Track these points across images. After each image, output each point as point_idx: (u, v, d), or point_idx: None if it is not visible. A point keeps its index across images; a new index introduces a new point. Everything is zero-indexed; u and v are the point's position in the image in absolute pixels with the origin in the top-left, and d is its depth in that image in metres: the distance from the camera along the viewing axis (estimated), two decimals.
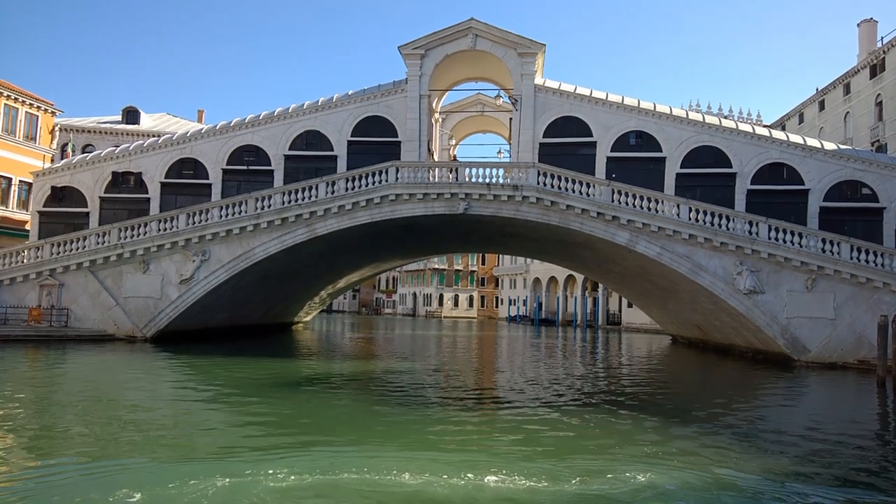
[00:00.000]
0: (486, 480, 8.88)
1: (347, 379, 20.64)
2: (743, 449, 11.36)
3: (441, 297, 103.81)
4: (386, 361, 26.68)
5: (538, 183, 27.92)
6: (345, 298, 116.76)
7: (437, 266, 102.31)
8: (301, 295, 43.37)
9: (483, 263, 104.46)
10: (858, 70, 46.17)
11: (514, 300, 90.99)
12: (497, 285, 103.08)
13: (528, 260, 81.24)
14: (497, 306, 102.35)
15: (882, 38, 44.90)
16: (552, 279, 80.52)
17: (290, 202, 28.69)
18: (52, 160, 39.97)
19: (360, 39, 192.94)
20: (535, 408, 15.33)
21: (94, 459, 9.65)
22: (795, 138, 31.99)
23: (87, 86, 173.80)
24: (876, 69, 44.02)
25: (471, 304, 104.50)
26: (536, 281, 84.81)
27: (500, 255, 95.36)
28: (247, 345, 30.77)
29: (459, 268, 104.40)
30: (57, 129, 42.90)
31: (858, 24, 48.30)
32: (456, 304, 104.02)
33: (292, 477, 8.83)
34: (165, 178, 33.84)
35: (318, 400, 15.94)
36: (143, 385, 17.38)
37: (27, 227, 36.07)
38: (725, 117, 52.38)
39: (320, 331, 50.27)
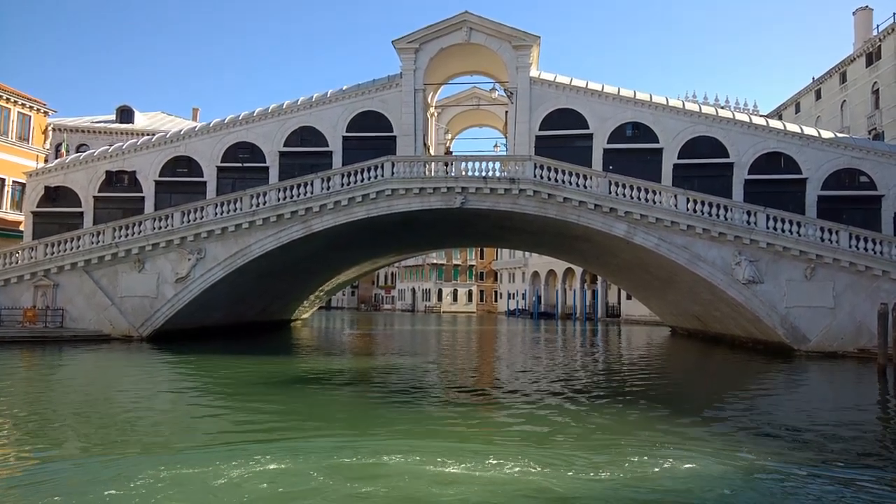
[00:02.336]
0: (491, 470, 8.81)
1: (347, 375, 20.51)
2: (747, 437, 11.32)
3: (440, 292, 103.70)
4: (386, 358, 26.56)
5: (535, 176, 27.75)
6: (343, 295, 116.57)
7: (435, 261, 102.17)
8: (299, 292, 43.22)
9: (482, 258, 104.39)
10: (854, 58, 46.01)
11: (514, 294, 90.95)
12: (496, 279, 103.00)
13: (527, 254, 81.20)
14: (496, 300, 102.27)
15: (878, 25, 44.79)
16: (551, 272, 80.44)
17: (285, 199, 28.51)
18: (46, 160, 39.72)
19: (355, 34, 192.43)
20: (538, 400, 15.19)
21: (90, 455, 9.63)
22: (792, 127, 31.86)
23: (81, 86, 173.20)
24: (872, 57, 43.87)
25: (470, 299, 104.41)
26: (535, 275, 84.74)
27: (499, 250, 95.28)
28: (244, 343, 30.63)
29: (458, 263, 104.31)
30: (50, 129, 42.64)
31: (854, 13, 48.11)
32: (455, 298, 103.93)
33: (287, 467, 8.81)
34: (160, 176, 33.64)
35: (316, 395, 15.81)
36: (139, 384, 17.21)
37: (21, 227, 35.85)
38: (722, 107, 52.21)
39: (319, 328, 50.14)
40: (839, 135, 33.35)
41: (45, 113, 40.77)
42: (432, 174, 28.74)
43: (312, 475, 8.56)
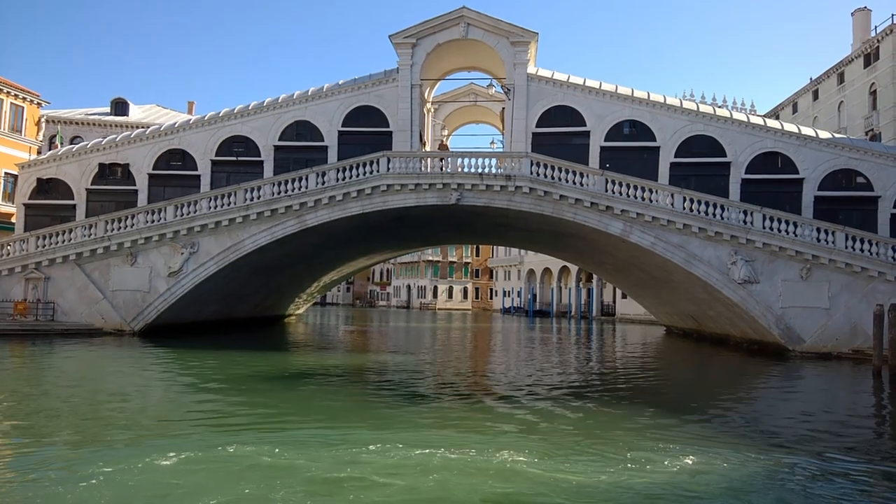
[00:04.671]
0: (485, 465, 8.76)
1: (339, 371, 20.34)
2: (743, 435, 11.24)
3: (435, 289, 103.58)
4: (380, 354, 26.45)
5: (531, 173, 27.58)
6: (338, 291, 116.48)
7: (431, 258, 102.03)
8: (293, 287, 43.00)
9: (477, 255, 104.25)
10: (852, 59, 45.95)
11: (509, 292, 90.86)
12: (491, 277, 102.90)
13: (523, 251, 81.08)
14: (491, 298, 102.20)
15: (876, 27, 44.69)
16: (546, 270, 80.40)
17: (279, 193, 28.28)
18: (39, 152, 39.39)
19: (352, 29, 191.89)
20: (534, 399, 15.08)
21: (76, 447, 9.63)
22: (790, 127, 31.76)
23: (77, 78, 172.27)
24: (870, 58, 43.81)
25: (465, 296, 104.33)
26: (531, 272, 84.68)
27: (495, 247, 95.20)
28: (237, 338, 30.45)
29: (454, 259, 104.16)
30: (43, 120, 42.29)
31: (852, 13, 48.06)
32: (450, 296, 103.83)
33: (273, 457, 8.87)
34: (153, 169, 33.35)
35: (307, 390, 15.63)
36: (128, 377, 17.02)
37: (13, 219, 35.54)
38: (720, 107, 52.04)
39: (313, 323, 49.98)
40: (836, 135, 33.29)
41: (39, 104, 40.43)
42: (428, 170, 28.53)
43: (299, 464, 8.66)
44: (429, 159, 29.20)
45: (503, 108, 35.84)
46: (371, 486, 7.88)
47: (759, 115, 44.14)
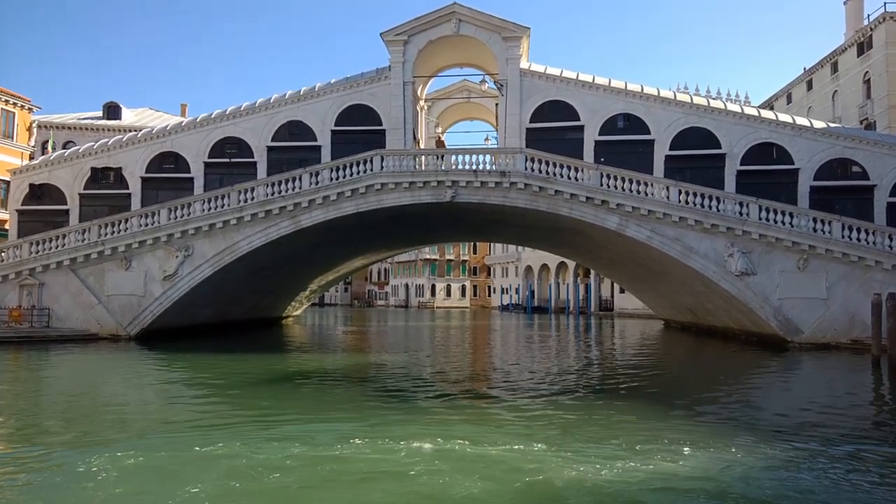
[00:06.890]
0: (479, 461, 8.70)
1: (336, 372, 20.24)
2: (743, 428, 11.20)
3: (433, 287, 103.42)
4: (379, 354, 26.36)
5: (526, 168, 27.46)
6: (336, 291, 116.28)
7: (428, 256, 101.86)
8: (289, 288, 42.85)
9: (475, 253, 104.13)
10: (846, 48, 45.93)
11: (507, 289, 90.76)
12: (489, 274, 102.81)
13: (520, 248, 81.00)
14: (489, 295, 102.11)
15: (868, 15, 44.70)
16: (544, 267, 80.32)
17: (273, 194, 28.13)
18: (31, 157, 39.12)
19: (345, 28, 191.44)
20: (535, 394, 14.99)
21: (72, 450, 9.62)
22: (784, 117, 31.69)
23: (69, 83, 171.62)
24: (863, 47, 43.78)
25: (463, 294, 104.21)
26: (528, 269, 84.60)
27: (492, 244, 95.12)
28: (234, 341, 30.31)
29: (451, 258, 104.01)
30: (35, 125, 42.00)
31: (845, 2, 48.05)
32: (448, 294, 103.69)
33: (266, 453, 8.91)
34: (146, 172, 33.19)
35: (304, 392, 15.52)
36: (124, 382, 16.94)
37: (6, 226, 35.33)
38: (714, 98, 51.98)
39: (311, 324, 49.85)
40: (831, 125, 33.22)
41: (30, 109, 40.13)
42: (422, 168, 28.39)
43: (295, 463, 8.75)
44: (423, 157, 29.06)
45: (496, 104, 35.72)
46: (368, 484, 7.84)
47: (753, 107, 44.11)
